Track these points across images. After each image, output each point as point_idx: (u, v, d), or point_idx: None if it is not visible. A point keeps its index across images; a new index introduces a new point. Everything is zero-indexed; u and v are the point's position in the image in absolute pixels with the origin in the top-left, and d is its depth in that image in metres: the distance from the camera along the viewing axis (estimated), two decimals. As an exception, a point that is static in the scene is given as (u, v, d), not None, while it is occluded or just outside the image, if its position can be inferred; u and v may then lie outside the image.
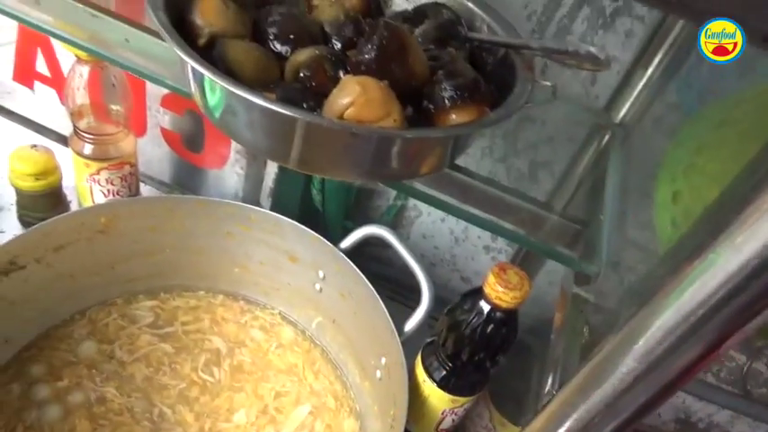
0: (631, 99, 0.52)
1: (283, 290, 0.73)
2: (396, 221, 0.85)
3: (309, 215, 0.78)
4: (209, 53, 0.36)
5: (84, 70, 0.59)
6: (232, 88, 0.31)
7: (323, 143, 0.33)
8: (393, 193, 0.79)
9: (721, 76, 0.41)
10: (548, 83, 0.40)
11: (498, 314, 0.50)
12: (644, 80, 0.51)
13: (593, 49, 0.36)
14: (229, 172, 0.81)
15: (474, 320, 0.51)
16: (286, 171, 0.76)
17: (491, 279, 0.49)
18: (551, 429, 0.30)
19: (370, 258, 0.90)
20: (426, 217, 0.85)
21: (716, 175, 0.28)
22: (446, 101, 0.37)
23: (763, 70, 0.32)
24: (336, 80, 0.36)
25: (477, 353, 0.52)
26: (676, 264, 0.23)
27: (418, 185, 0.42)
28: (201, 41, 0.36)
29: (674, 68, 0.49)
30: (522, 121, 0.70)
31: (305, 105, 0.34)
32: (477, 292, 0.51)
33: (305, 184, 0.78)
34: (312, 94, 0.35)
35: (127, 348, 0.64)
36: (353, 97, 0.32)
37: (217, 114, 0.36)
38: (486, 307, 0.50)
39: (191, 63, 0.32)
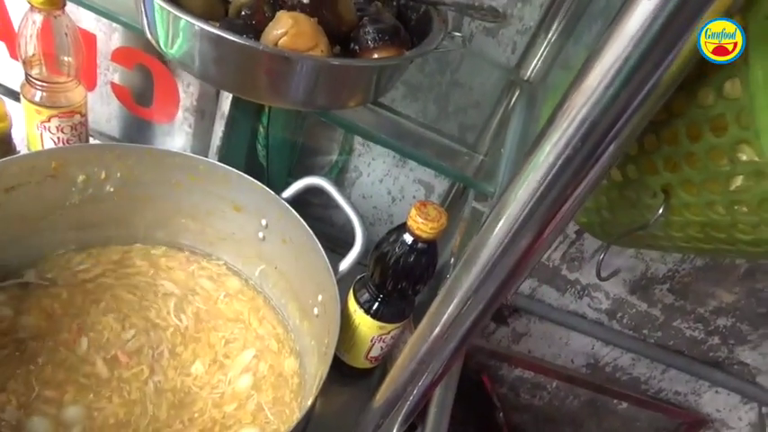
0: (536, 59, 0.60)
1: (228, 239, 0.77)
2: (337, 181, 0.91)
3: (254, 172, 0.82)
4: (161, -9, 0.41)
5: (38, 18, 0.62)
6: (183, 16, 0.36)
7: (260, 69, 0.39)
8: (335, 151, 0.85)
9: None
10: (458, 34, 0.47)
11: (419, 245, 0.56)
12: (545, 42, 0.59)
13: (493, 4, 0.43)
14: (178, 130, 0.85)
15: (398, 251, 0.57)
16: (233, 129, 0.80)
17: (413, 213, 0.55)
18: (447, 302, 0.37)
19: (313, 218, 0.95)
20: (366, 178, 0.91)
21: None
22: (369, 42, 0.43)
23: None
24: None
25: (401, 281, 0.59)
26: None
27: (363, 124, 0.48)
28: (154, -20, 0.41)
29: (568, 32, 0.57)
30: (452, 86, 0.77)
31: (245, 36, 0.39)
32: (402, 227, 0.58)
33: (251, 142, 0.82)
34: (252, 29, 0.41)
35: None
36: (286, 28, 0.37)
37: (167, 45, 0.41)
38: (408, 238, 0.57)
39: (145, -7, 0.37)
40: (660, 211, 0.34)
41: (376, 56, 0.43)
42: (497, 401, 1.02)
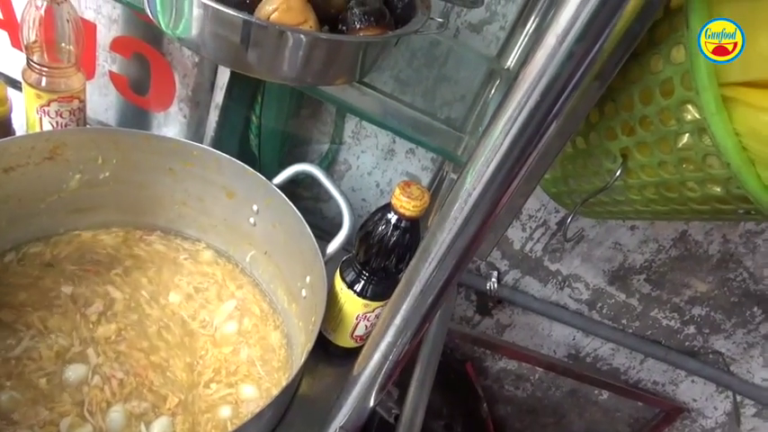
0: (515, 49, 0.64)
1: (220, 225, 0.79)
2: (327, 174, 0.94)
3: (247, 162, 0.85)
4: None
5: (41, 4, 0.65)
6: (181, -11, 0.39)
7: (253, 42, 0.42)
8: (326, 142, 0.88)
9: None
10: (440, 19, 0.50)
11: (403, 223, 0.59)
12: (524, 34, 0.63)
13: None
14: (173, 120, 0.88)
15: (383, 229, 0.60)
16: (226, 119, 0.83)
17: (397, 192, 0.58)
18: (425, 259, 0.39)
19: (304, 211, 0.98)
20: (355, 170, 0.94)
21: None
22: (356, 22, 0.46)
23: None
24: (267, 0, 0.44)
25: (384, 259, 0.61)
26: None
27: (354, 102, 0.51)
28: (155, -40, 0.44)
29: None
30: (440, 81, 0.80)
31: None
32: (386, 207, 0.60)
33: (243, 132, 0.85)
34: (247, 8, 0.44)
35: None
36: (277, 4, 0.40)
37: (167, 22, 0.43)
38: (393, 217, 0.59)
39: (147, -31, 0.40)
40: (618, 172, 0.37)
41: (362, 35, 0.46)
42: (481, 392, 1.05)
